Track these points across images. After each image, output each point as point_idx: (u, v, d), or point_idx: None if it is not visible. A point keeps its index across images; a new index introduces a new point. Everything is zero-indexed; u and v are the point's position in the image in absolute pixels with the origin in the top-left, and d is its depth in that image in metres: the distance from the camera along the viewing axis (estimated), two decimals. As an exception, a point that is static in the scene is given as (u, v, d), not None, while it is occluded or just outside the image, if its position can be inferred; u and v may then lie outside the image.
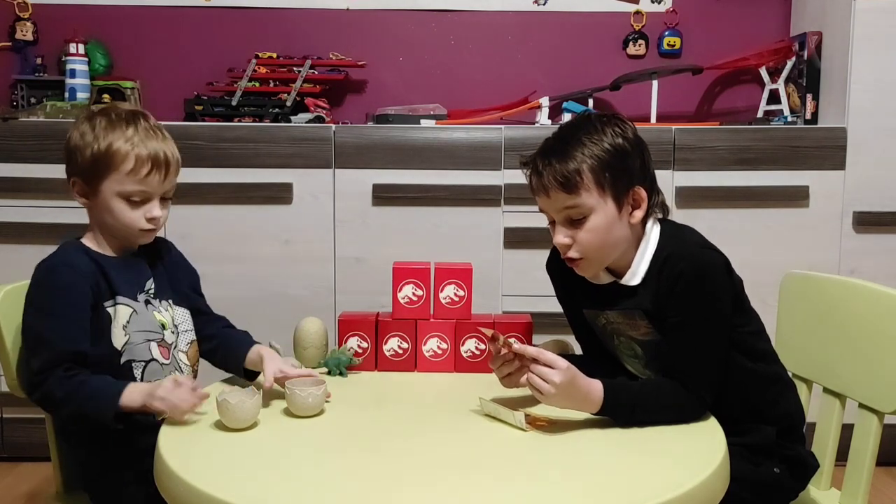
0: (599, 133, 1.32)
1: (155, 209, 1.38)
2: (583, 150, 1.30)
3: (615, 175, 1.31)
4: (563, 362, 1.23)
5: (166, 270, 1.50)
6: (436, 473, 1.09)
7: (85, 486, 1.41)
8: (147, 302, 1.43)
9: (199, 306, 1.55)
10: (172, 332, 1.45)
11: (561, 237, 1.34)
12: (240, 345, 1.48)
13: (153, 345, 1.40)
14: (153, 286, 1.45)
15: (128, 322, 1.38)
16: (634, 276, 1.36)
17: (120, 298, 1.38)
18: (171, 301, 1.48)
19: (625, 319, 1.38)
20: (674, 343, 1.32)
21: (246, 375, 1.48)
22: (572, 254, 1.34)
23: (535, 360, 1.24)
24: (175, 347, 1.45)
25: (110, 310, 1.37)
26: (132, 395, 1.27)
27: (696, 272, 1.30)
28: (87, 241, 1.42)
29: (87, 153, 1.36)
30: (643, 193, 1.34)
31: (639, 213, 1.34)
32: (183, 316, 1.50)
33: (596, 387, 1.25)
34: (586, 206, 1.30)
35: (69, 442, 1.42)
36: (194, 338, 1.51)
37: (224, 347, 1.51)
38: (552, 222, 1.37)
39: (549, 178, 1.31)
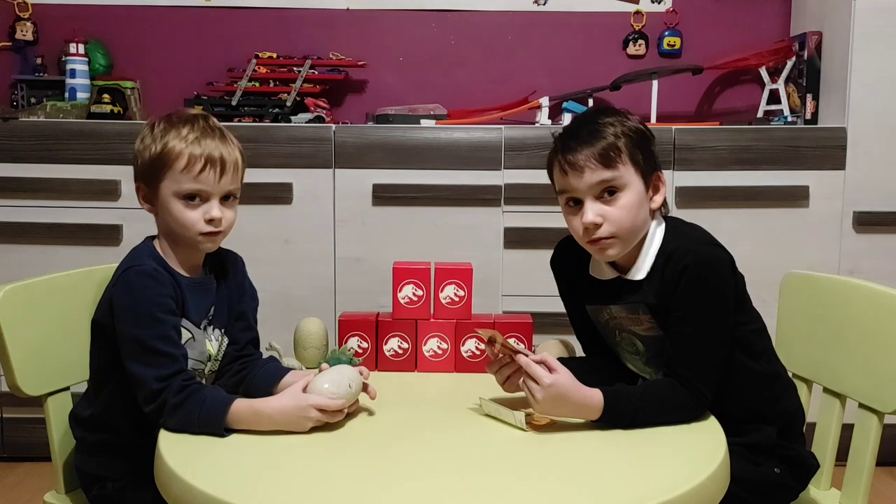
0: (622, 116, 1.35)
1: (213, 209, 1.33)
2: (615, 128, 1.32)
3: (645, 154, 1.34)
4: (547, 378, 1.22)
5: (229, 295, 1.45)
6: (436, 473, 1.09)
7: (86, 488, 1.41)
8: (204, 328, 1.39)
9: (243, 342, 1.47)
10: (212, 363, 1.42)
11: (591, 215, 1.31)
12: (271, 376, 1.40)
13: (195, 374, 1.36)
14: (213, 312, 1.41)
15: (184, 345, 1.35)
16: (639, 270, 1.36)
17: (185, 322, 1.35)
18: (223, 330, 1.44)
19: (628, 314, 1.39)
20: (676, 338, 1.32)
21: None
22: (602, 232, 1.32)
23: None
24: (205, 379, 1.41)
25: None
26: (241, 410, 1.23)
27: (701, 267, 1.30)
28: (160, 252, 1.37)
29: (146, 156, 1.34)
30: (664, 178, 1.37)
31: (658, 199, 1.36)
32: (224, 346, 1.45)
33: (594, 395, 1.24)
34: (623, 180, 1.31)
35: (84, 446, 1.40)
36: (217, 368, 1.46)
37: (249, 380, 1.43)
38: (571, 204, 1.34)
39: (586, 154, 1.30)
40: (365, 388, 1.31)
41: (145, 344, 1.26)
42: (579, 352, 1.60)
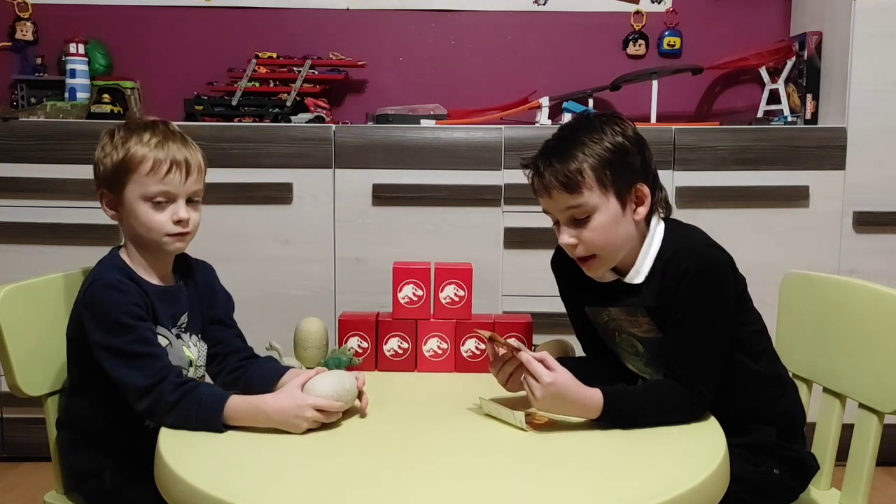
0: (599, 132, 1.33)
1: (181, 210, 1.35)
2: (583, 150, 1.31)
3: (616, 172, 1.31)
4: (547, 376, 1.22)
5: (200, 301, 1.46)
6: (435, 473, 1.09)
7: (79, 487, 1.41)
8: (178, 336, 1.40)
9: (228, 339, 1.48)
10: (195, 370, 1.42)
11: (566, 237, 1.34)
12: (269, 375, 1.39)
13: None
14: (186, 320, 1.42)
15: None
16: (638, 273, 1.36)
17: (159, 329, 1.35)
18: (199, 336, 1.45)
19: (627, 316, 1.39)
20: (676, 339, 1.32)
21: None
22: (580, 252, 1.34)
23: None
24: None
25: None
26: (239, 406, 1.23)
27: (701, 269, 1.30)
28: (127, 261, 1.38)
29: (108, 163, 1.35)
30: (646, 190, 1.35)
31: (642, 210, 1.35)
32: (203, 351, 1.46)
33: (594, 395, 1.24)
34: (589, 205, 1.31)
35: (72, 445, 1.41)
36: (204, 373, 1.46)
37: (247, 378, 1.42)
38: (556, 223, 1.37)
39: (550, 178, 1.31)
40: (360, 395, 1.31)
41: (122, 350, 1.27)
42: (579, 352, 1.60)
